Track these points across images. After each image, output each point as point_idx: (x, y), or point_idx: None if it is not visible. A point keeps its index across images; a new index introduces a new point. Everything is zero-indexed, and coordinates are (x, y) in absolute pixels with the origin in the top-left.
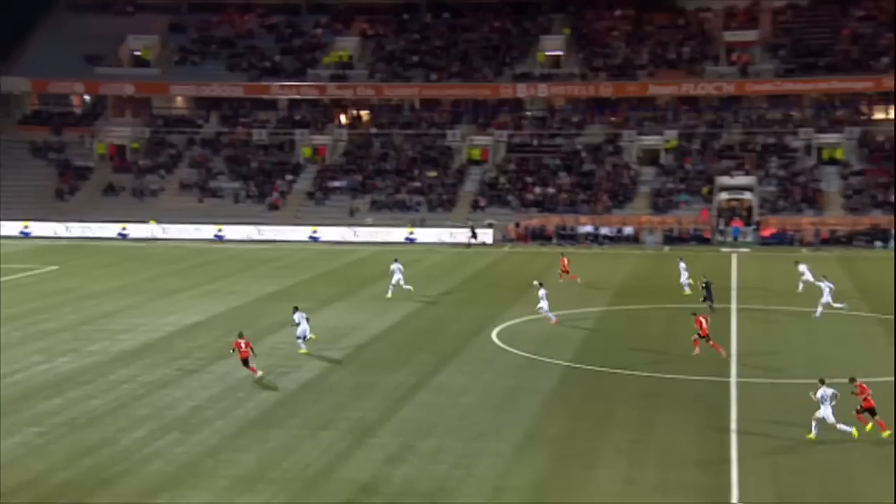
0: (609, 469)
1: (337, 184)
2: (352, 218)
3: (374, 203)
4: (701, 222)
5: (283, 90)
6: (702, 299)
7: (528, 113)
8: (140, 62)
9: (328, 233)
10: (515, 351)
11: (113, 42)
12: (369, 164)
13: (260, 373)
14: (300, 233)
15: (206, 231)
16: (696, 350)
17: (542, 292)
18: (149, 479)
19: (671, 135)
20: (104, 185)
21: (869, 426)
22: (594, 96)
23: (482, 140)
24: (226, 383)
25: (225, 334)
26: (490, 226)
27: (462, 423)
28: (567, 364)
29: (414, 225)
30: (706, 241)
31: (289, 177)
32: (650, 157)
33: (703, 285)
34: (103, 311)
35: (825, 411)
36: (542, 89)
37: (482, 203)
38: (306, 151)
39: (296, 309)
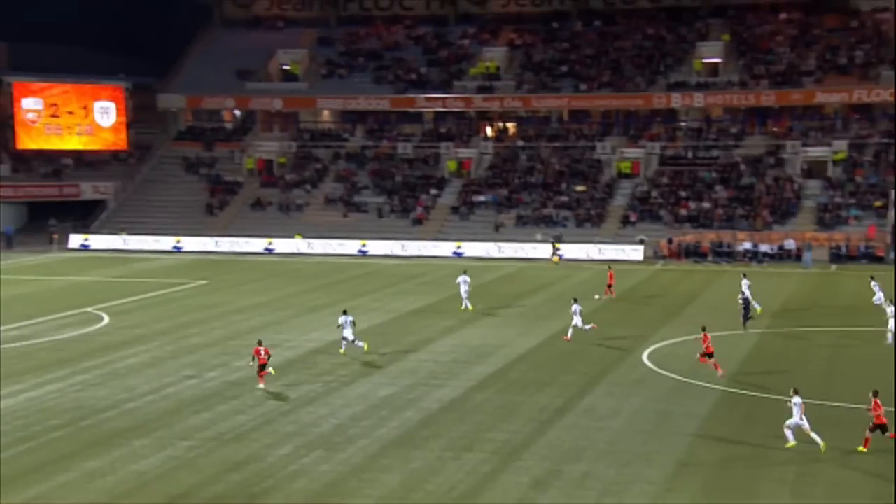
0: (770, 503)
1: (482, 198)
2: (497, 233)
3: (519, 218)
4: (868, 239)
5: (429, 103)
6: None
7: (683, 123)
8: (289, 76)
9: (473, 248)
10: (667, 373)
11: (263, 57)
12: (515, 178)
13: (262, 385)
14: (444, 248)
15: (350, 246)
16: (719, 371)
17: (575, 307)
18: (294, 497)
19: (840, 145)
20: (252, 199)
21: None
22: (755, 105)
23: (633, 152)
24: (368, 401)
25: (369, 351)
26: (641, 242)
27: (611, 447)
28: (723, 389)
29: (558, 241)
30: (878, 260)
31: (433, 191)
32: (816, 169)
33: (742, 302)
34: (250, 327)
35: (795, 420)
36: (699, 99)
37: (632, 218)
38: (451, 165)
39: (344, 312)
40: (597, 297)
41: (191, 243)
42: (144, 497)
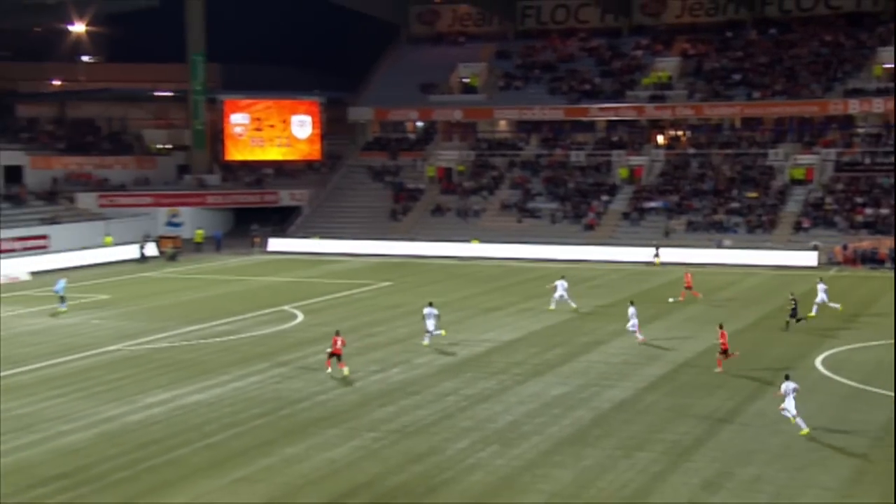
0: None
1: (653, 204)
2: (667, 238)
3: (689, 224)
4: None
5: (602, 112)
6: (788, 318)
7: (861, 130)
8: (468, 89)
9: (641, 254)
10: (842, 380)
11: (445, 71)
12: (686, 185)
13: (345, 371)
14: (614, 253)
15: (524, 250)
16: (719, 368)
17: (632, 310)
18: (472, 489)
19: None
20: (432, 205)
21: None
22: None
23: (807, 159)
24: (542, 400)
25: (541, 351)
26: (815, 248)
27: (784, 451)
28: None
29: (720, 245)
30: None
31: (604, 197)
32: None
33: (791, 302)
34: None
35: (788, 403)
36: (878, 104)
37: (805, 224)
38: (622, 172)
39: (429, 304)
40: (671, 300)
41: (375, 246)
42: (335, 482)
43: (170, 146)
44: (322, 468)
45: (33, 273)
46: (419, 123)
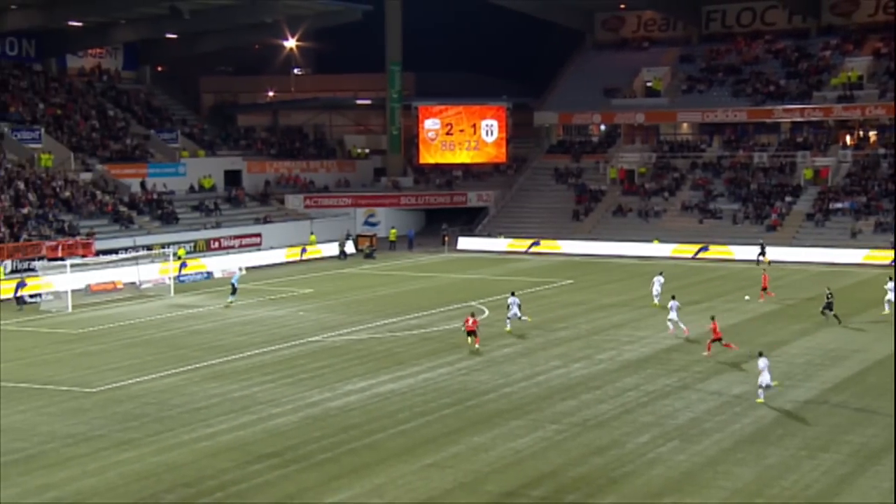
0: None
1: (839, 205)
2: (853, 239)
3: (878, 224)
4: None
5: (787, 113)
6: (824, 310)
7: None
8: (651, 93)
9: (827, 255)
10: None
11: (628, 75)
12: (875, 185)
13: (476, 346)
14: (797, 254)
15: (704, 250)
16: (707, 352)
17: (672, 304)
18: (652, 483)
19: None
20: (614, 206)
21: None
22: None
23: None
24: (722, 398)
25: (722, 350)
26: None
27: None
28: None
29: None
30: None
31: (788, 198)
32: None
33: (827, 296)
34: (611, 323)
35: (764, 378)
36: None
37: None
38: (807, 173)
39: (512, 294)
40: (747, 297)
41: (558, 246)
42: (519, 472)
43: (368, 150)
44: (507, 457)
45: (247, 268)
46: (602, 126)
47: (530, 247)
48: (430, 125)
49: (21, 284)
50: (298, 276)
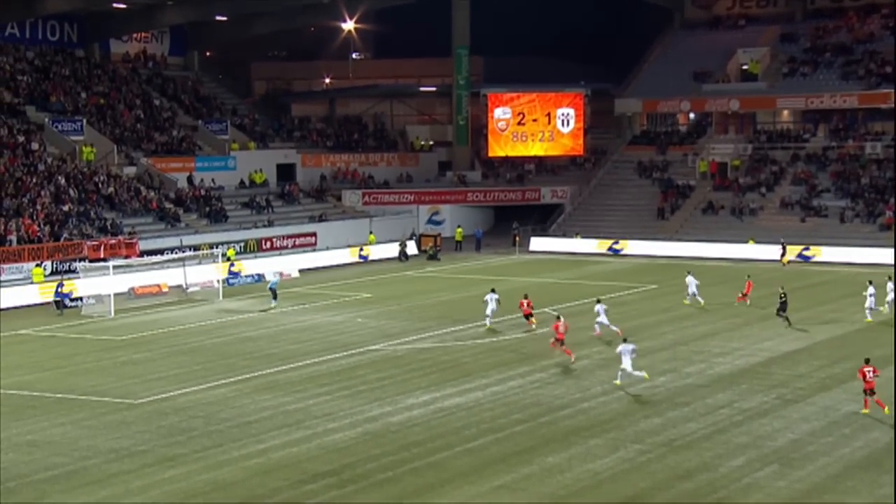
0: None
1: None
2: None
3: None
4: None
5: None
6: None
7: None
8: (747, 76)
9: None
10: None
11: (722, 58)
12: None
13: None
14: None
15: (809, 252)
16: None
17: (599, 307)
18: None
19: None
20: (704, 203)
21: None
22: None
23: None
24: (829, 417)
25: (827, 364)
26: None
27: None
28: None
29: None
30: None
31: None
32: None
33: (781, 296)
34: (699, 333)
35: (625, 362)
36: None
37: None
38: None
39: (492, 290)
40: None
41: (641, 247)
42: (599, 496)
43: (432, 142)
44: (584, 479)
45: (301, 270)
46: (691, 115)
47: (610, 248)
48: (501, 114)
49: (60, 286)
50: (356, 279)
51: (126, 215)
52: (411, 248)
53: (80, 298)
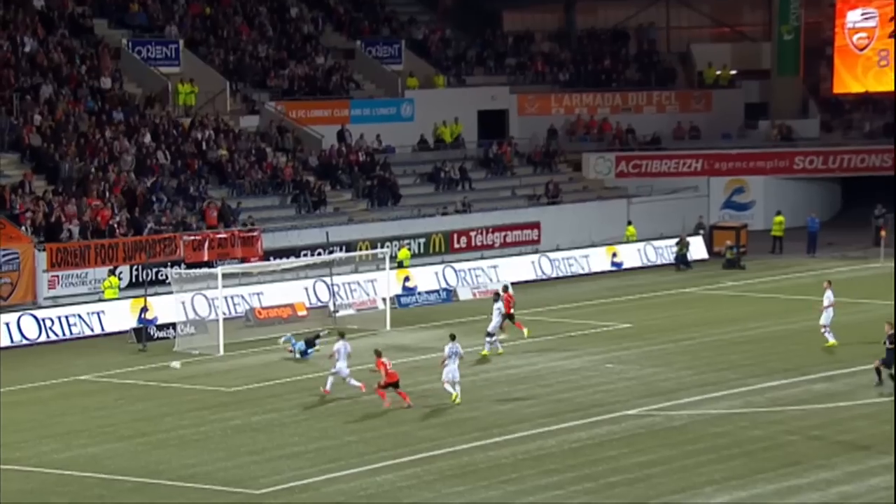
0: None
1: None
2: None
3: None
4: None
5: None
6: None
7: None
8: None
9: None
10: None
11: None
12: None
13: None
14: None
15: None
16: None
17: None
18: None
19: None
20: None
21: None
22: None
23: None
24: None
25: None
26: None
27: None
28: None
29: None
30: None
31: None
32: None
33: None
34: None
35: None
36: None
37: None
38: None
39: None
40: None
41: None
42: None
43: (734, 72)
44: None
45: (514, 284)
46: None
47: None
48: (858, 19)
49: (144, 310)
50: (604, 298)
51: (242, 193)
52: (696, 248)
53: (173, 325)
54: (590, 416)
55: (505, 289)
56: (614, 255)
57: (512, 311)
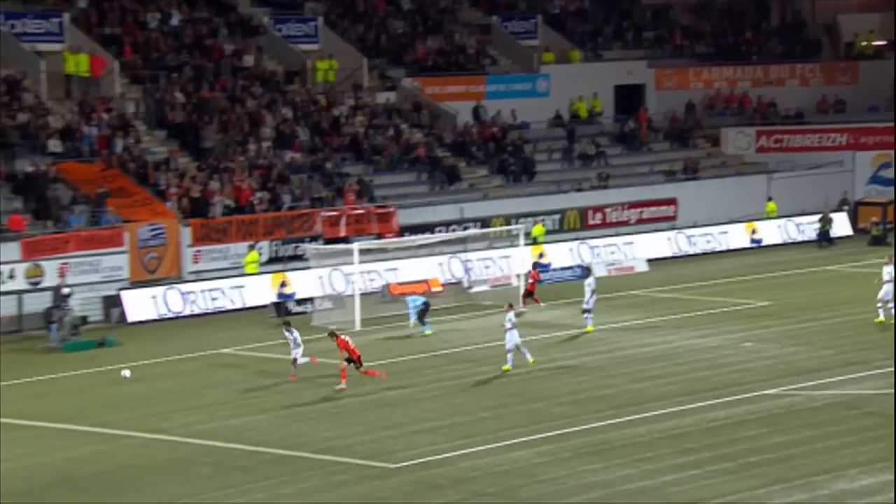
0: None
1: None
2: None
3: None
4: None
5: None
6: None
7: None
8: None
9: None
10: None
11: None
12: None
13: None
14: None
15: None
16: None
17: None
18: None
19: None
20: None
21: None
22: None
23: None
24: None
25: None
26: None
27: None
28: None
29: None
30: None
31: None
32: None
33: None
34: None
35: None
36: None
37: None
38: None
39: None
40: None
41: None
42: None
43: (885, 42)
44: None
45: (650, 261)
46: None
47: None
48: None
49: (283, 284)
50: (743, 275)
51: (379, 170)
52: (841, 224)
53: (311, 300)
54: (728, 396)
55: (535, 266)
56: (754, 231)
57: (535, 287)
